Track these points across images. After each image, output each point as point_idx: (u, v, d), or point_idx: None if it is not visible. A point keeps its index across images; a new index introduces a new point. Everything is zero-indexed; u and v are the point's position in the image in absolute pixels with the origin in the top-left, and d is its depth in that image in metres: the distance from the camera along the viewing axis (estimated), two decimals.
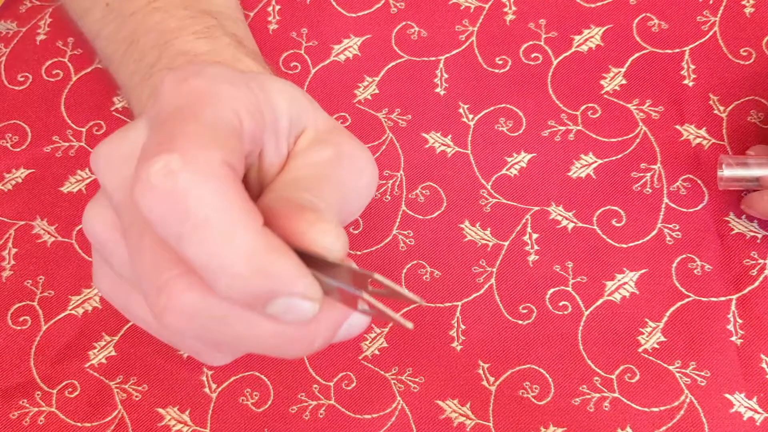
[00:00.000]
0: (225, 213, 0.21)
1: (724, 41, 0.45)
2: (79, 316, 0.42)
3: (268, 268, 0.21)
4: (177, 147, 0.21)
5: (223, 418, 0.40)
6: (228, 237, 0.21)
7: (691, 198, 0.42)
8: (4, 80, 0.47)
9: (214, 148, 0.22)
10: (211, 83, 0.24)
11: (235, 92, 0.24)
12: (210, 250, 0.21)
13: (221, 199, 0.21)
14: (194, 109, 0.23)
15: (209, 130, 0.22)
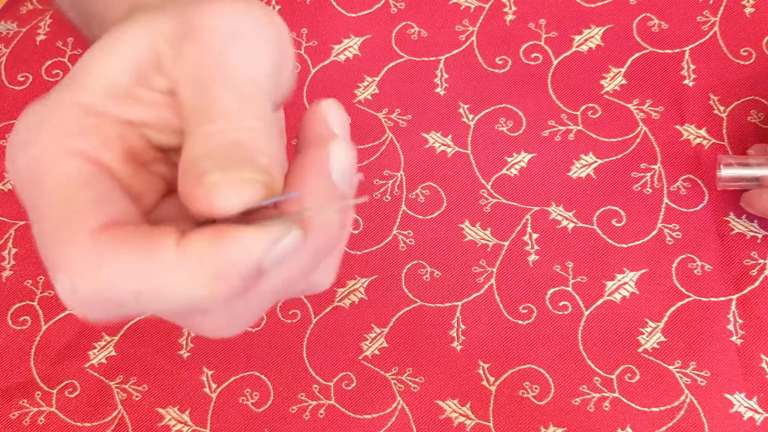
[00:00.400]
0: (144, 275, 0.21)
1: (724, 41, 0.45)
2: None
3: (226, 267, 0.21)
4: (55, 263, 0.22)
5: (223, 418, 0.40)
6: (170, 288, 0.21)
7: (691, 198, 0.42)
8: (4, 80, 0.47)
9: (78, 229, 0.22)
10: (31, 146, 0.24)
11: (58, 132, 0.23)
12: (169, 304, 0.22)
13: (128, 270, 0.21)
14: (36, 200, 0.23)
15: (65, 221, 0.22)
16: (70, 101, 0.24)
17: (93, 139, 0.23)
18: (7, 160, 0.24)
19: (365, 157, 0.44)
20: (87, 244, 0.21)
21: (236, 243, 0.21)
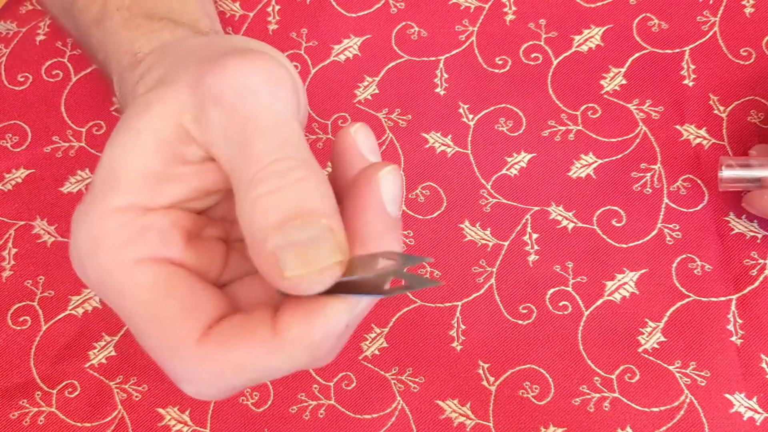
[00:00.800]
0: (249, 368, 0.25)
1: (724, 41, 0.45)
2: (79, 316, 0.42)
3: (316, 344, 0.24)
4: (175, 377, 0.26)
5: (223, 418, 0.40)
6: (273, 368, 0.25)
7: (691, 198, 0.42)
8: (4, 81, 0.47)
9: (188, 345, 0.25)
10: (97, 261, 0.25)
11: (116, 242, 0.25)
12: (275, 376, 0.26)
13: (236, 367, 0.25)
14: (127, 316, 0.25)
15: (167, 335, 0.25)
16: (112, 209, 0.25)
17: (148, 242, 0.25)
18: (78, 271, 0.25)
19: None
20: (196, 356, 0.24)
21: (327, 319, 0.23)
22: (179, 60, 0.28)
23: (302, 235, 0.23)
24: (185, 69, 0.26)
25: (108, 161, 0.25)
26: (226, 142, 0.24)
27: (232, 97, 0.24)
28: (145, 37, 0.33)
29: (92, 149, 0.45)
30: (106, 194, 0.25)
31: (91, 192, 0.25)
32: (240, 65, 0.25)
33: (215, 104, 0.24)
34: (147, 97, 0.26)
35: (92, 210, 0.25)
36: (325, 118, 0.45)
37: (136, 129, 0.25)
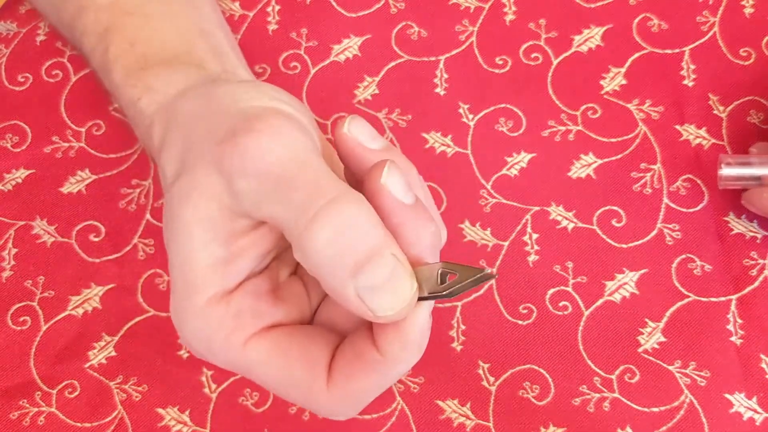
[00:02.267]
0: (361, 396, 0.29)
1: (723, 41, 0.45)
2: (79, 317, 0.42)
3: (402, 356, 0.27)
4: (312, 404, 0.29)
5: (222, 419, 0.40)
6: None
7: (691, 198, 0.42)
8: (4, 81, 0.47)
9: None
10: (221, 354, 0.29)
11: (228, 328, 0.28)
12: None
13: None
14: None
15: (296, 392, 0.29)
16: (201, 307, 0.28)
17: (246, 323, 0.28)
18: (197, 353, 0.29)
19: None
20: (330, 400, 0.28)
21: (415, 325, 0.26)
22: (191, 137, 0.30)
23: (378, 276, 0.25)
24: (202, 152, 0.28)
25: (177, 263, 0.28)
26: (267, 204, 0.26)
27: (253, 167, 0.26)
28: (146, 98, 0.34)
29: (92, 149, 0.45)
30: (190, 295, 0.28)
31: (176, 292, 0.28)
32: (249, 138, 0.27)
33: (240, 177, 0.26)
34: (180, 187, 0.28)
35: (186, 309, 0.28)
36: (325, 118, 0.45)
37: (186, 223, 0.27)
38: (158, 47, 0.35)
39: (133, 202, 0.44)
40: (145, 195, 0.44)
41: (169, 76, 0.34)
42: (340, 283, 0.25)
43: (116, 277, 0.43)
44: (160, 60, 0.35)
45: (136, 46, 0.35)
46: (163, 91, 0.33)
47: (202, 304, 0.28)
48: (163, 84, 0.33)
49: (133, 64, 0.35)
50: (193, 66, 0.35)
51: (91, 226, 0.44)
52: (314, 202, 0.25)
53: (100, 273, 0.43)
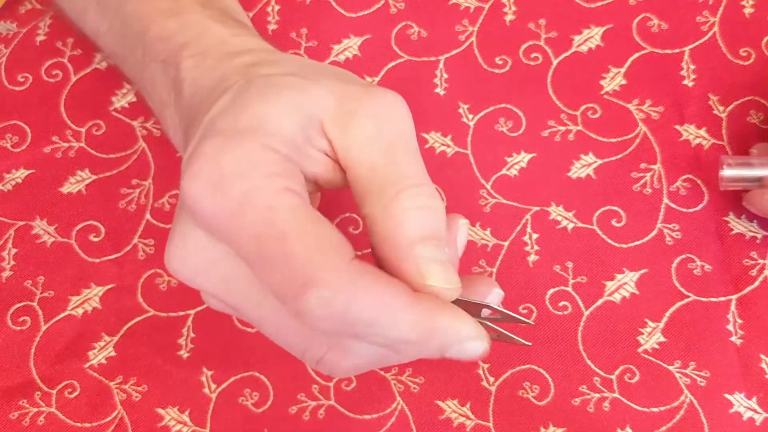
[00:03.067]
0: (382, 308, 0.25)
1: (723, 41, 0.45)
2: (79, 317, 0.42)
3: (435, 330, 0.26)
4: (315, 279, 0.24)
5: (222, 419, 0.40)
6: (395, 324, 0.25)
7: (691, 198, 0.42)
8: (4, 81, 0.47)
9: (336, 257, 0.25)
10: (242, 181, 0.25)
11: (265, 169, 0.26)
12: (386, 338, 0.26)
13: (373, 300, 0.25)
14: (276, 234, 0.25)
15: (316, 242, 0.25)
16: (266, 144, 0.26)
17: (296, 179, 0.27)
18: (205, 193, 0.26)
19: None
20: (347, 270, 0.25)
21: (456, 323, 0.26)
22: (308, 67, 0.30)
23: (440, 254, 0.27)
24: (323, 77, 0.29)
25: (255, 114, 0.27)
26: (372, 150, 0.27)
27: (385, 115, 0.28)
28: (239, 37, 0.34)
29: (92, 149, 0.45)
30: (258, 133, 0.26)
31: (235, 129, 0.26)
32: (386, 93, 0.28)
33: (368, 116, 0.27)
34: (288, 79, 0.28)
35: (242, 141, 0.26)
36: None
37: (283, 101, 0.27)
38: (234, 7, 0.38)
39: (133, 202, 0.44)
40: (145, 195, 0.44)
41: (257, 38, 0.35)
42: (408, 240, 0.26)
43: (116, 277, 0.43)
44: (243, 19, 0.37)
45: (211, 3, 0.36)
46: (257, 42, 0.34)
47: (266, 145, 0.26)
48: (256, 39, 0.35)
49: (217, 12, 0.36)
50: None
51: (91, 226, 0.44)
52: (419, 181, 0.27)
53: (100, 273, 0.43)
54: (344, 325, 0.25)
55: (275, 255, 0.25)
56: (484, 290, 0.29)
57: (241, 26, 0.36)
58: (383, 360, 0.28)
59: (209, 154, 0.26)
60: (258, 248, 0.25)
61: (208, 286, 0.28)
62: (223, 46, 0.33)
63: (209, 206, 0.25)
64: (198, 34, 0.34)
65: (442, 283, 0.27)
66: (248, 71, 0.30)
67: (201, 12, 0.35)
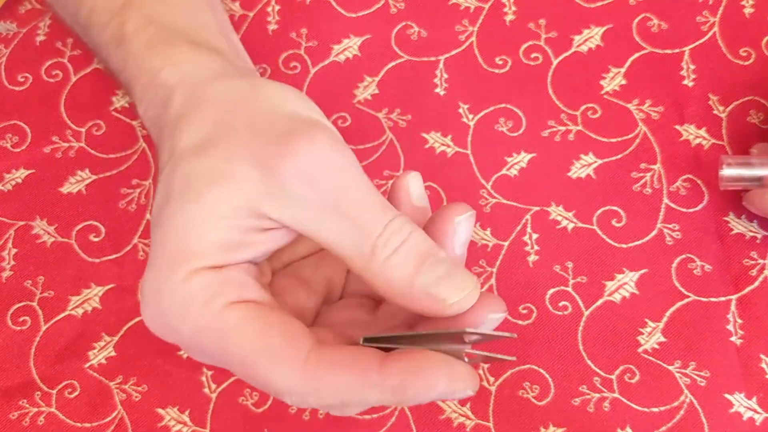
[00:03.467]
0: (350, 391, 0.26)
1: (723, 41, 0.45)
2: (79, 317, 0.42)
3: (408, 393, 0.26)
4: (278, 391, 0.27)
5: (222, 419, 0.40)
6: (367, 399, 0.27)
7: (691, 198, 0.42)
8: (4, 81, 0.47)
9: (296, 363, 0.27)
10: (190, 320, 0.28)
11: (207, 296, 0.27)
12: (366, 406, 0.29)
13: (339, 387, 0.27)
14: (233, 357, 0.27)
15: (273, 357, 0.27)
16: (189, 273, 0.27)
17: (232, 289, 0.27)
18: (165, 335, 0.29)
19: (365, 158, 0.44)
20: (306, 371, 0.26)
21: (427, 382, 0.26)
22: (230, 125, 0.29)
23: (440, 269, 0.27)
24: (244, 146, 0.28)
25: (180, 231, 0.27)
26: (323, 218, 0.27)
27: (315, 170, 0.27)
28: (169, 69, 0.33)
29: (92, 149, 0.45)
30: (181, 264, 0.27)
31: (161, 261, 0.28)
32: (309, 149, 0.27)
33: (299, 183, 0.27)
34: (209, 169, 0.28)
35: (169, 278, 0.27)
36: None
37: (208, 202, 0.27)
38: (181, 26, 0.36)
39: (133, 202, 0.44)
40: (145, 195, 0.44)
41: (198, 56, 0.34)
42: (406, 282, 0.27)
43: (116, 277, 0.43)
44: (185, 39, 0.35)
45: (155, 23, 0.35)
46: (191, 68, 0.33)
47: (191, 272, 0.27)
48: (191, 62, 0.33)
49: (156, 37, 0.35)
50: (218, 53, 0.35)
51: (91, 226, 0.44)
52: (383, 224, 0.27)
53: (99, 273, 0.43)
54: (324, 408, 0.29)
55: (244, 375, 0.27)
56: (490, 311, 0.28)
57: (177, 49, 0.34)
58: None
59: (150, 295, 0.28)
60: (229, 368, 0.28)
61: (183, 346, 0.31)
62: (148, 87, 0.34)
63: (169, 339, 0.29)
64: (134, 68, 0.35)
65: (459, 294, 0.27)
66: (173, 145, 0.30)
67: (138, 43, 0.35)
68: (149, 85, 0.33)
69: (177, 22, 0.36)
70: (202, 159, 0.28)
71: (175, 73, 0.33)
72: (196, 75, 0.32)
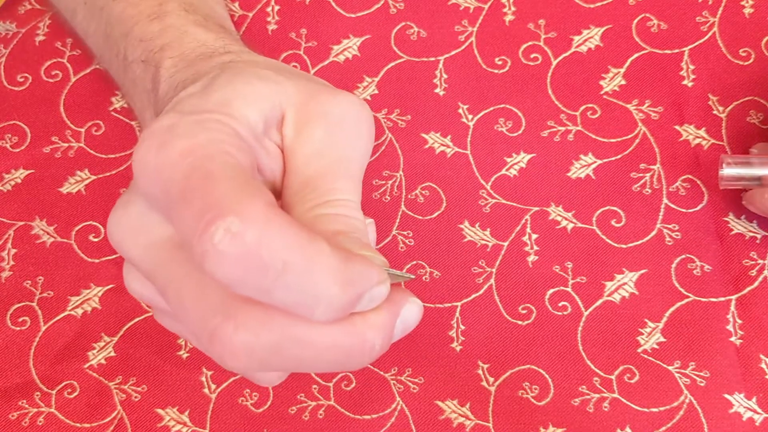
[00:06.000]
0: (298, 250, 0.22)
1: (723, 42, 0.45)
2: (79, 317, 0.42)
3: (354, 276, 0.23)
4: (226, 209, 0.21)
5: (222, 419, 0.40)
6: (311, 271, 0.22)
7: (691, 198, 0.42)
8: (3, 81, 0.47)
9: (255, 195, 0.22)
10: (189, 139, 0.24)
11: (215, 136, 0.25)
12: (300, 289, 0.22)
13: (289, 240, 0.22)
14: (204, 171, 0.23)
15: (238, 182, 0.23)
16: (226, 122, 0.26)
17: (247, 160, 0.25)
18: (155, 146, 0.24)
19: None
20: (263, 207, 0.22)
21: (369, 266, 0.24)
22: (283, 68, 0.31)
23: (363, 243, 0.26)
24: (295, 76, 0.29)
25: (226, 96, 0.27)
26: (312, 165, 0.28)
27: (343, 125, 0.28)
28: (219, 41, 0.35)
29: (91, 150, 0.45)
30: (221, 112, 0.26)
31: (199, 108, 0.27)
32: (352, 103, 0.29)
33: (323, 126, 0.28)
34: (260, 71, 0.29)
35: (202, 114, 0.26)
36: None
37: (251, 89, 0.28)
38: (206, 12, 0.38)
39: None
40: None
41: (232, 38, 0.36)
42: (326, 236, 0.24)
43: (116, 277, 0.43)
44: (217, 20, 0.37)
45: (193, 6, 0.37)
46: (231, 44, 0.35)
47: (231, 125, 0.26)
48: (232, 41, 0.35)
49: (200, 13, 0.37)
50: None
51: (91, 227, 0.44)
52: (347, 197, 0.28)
53: (99, 273, 0.43)
54: (252, 271, 0.21)
55: (195, 191, 0.22)
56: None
57: (224, 31, 0.36)
58: (284, 348, 0.24)
59: (165, 123, 0.25)
60: (182, 189, 0.23)
61: (133, 251, 0.26)
62: (202, 49, 0.34)
63: (152, 160, 0.24)
64: (179, 37, 0.35)
65: (364, 250, 0.26)
66: (224, 66, 0.31)
67: (184, 16, 0.36)
68: (195, 48, 0.34)
69: (214, 12, 0.38)
70: (255, 69, 0.29)
71: (227, 45, 0.34)
72: (244, 51, 0.34)
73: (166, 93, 0.32)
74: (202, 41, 0.34)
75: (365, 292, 0.24)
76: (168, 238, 0.26)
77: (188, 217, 0.22)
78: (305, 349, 0.24)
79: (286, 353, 0.24)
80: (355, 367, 0.25)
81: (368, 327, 0.25)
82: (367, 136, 0.29)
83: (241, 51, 0.34)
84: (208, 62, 0.32)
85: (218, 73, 0.29)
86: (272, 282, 0.22)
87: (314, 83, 0.29)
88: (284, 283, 0.22)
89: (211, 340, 0.23)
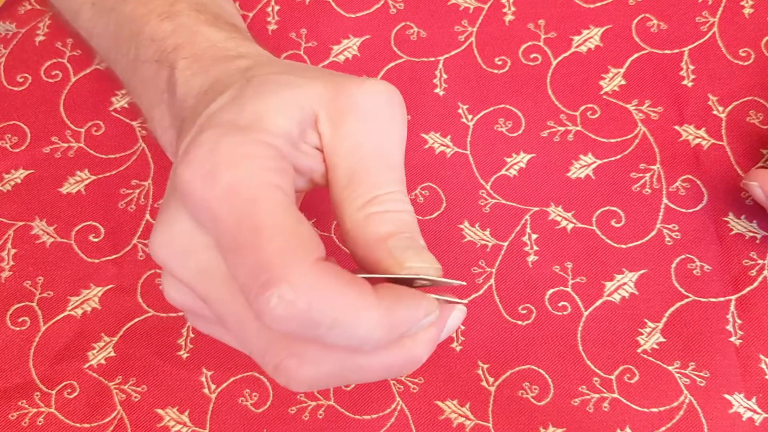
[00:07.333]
0: (344, 310, 0.24)
1: (723, 42, 0.45)
2: (78, 317, 0.42)
3: (397, 323, 0.26)
4: (278, 276, 0.24)
5: (222, 419, 0.40)
6: (358, 325, 0.25)
7: (691, 198, 0.42)
8: (3, 81, 0.47)
9: (304, 256, 0.25)
10: (233, 171, 0.26)
11: (256, 164, 0.26)
12: (349, 337, 0.25)
13: (336, 302, 0.24)
14: (253, 224, 0.25)
15: (285, 237, 0.25)
16: (263, 140, 0.27)
17: (287, 179, 0.27)
18: (198, 178, 0.26)
19: None
20: (311, 270, 0.24)
21: (415, 307, 0.26)
22: (301, 68, 0.31)
23: (414, 243, 0.28)
24: (317, 74, 0.29)
25: (257, 107, 0.28)
26: (354, 159, 0.28)
27: (372, 118, 0.29)
28: (232, 41, 0.35)
29: (91, 150, 0.45)
30: (256, 129, 0.27)
31: (234, 124, 0.27)
32: (379, 90, 0.29)
33: (356, 118, 0.28)
34: (284, 77, 0.29)
35: (240, 134, 0.27)
36: None
37: (280, 98, 0.28)
38: (218, 12, 0.38)
39: (133, 203, 0.44)
40: (145, 195, 0.44)
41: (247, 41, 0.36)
42: (375, 237, 0.28)
43: (115, 277, 0.43)
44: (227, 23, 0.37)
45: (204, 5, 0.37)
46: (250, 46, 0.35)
47: (266, 142, 0.27)
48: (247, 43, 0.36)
49: (210, 12, 0.37)
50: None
51: (91, 227, 0.44)
52: (392, 189, 0.28)
53: (99, 273, 0.43)
54: (305, 326, 0.24)
55: (247, 246, 0.25)
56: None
57: (235, 30, 0.36)
58: (343, 373, 0.27)
59: (207, 143, 0.26)
60: (234, 238, 0.25)
61: (183, 273, 0.27)
62: (216, 50, 0.34)
63: (199, 190, 0.26)
64: (191, 36, 0.35)
65: (419, 263, 0.27)
66: (246, 73, 0.31)
67: (195, 16, 0.36)
68: (208, 48, 0.34)
69: (224, 11, 0.38)
70: (279, 76, 0.30)
71: (240, 46, 0.34)
72: (258, 52, 0.35)
73: (185, 96, 0.33)
74: (213, 41, 0.34)
75: (411, 329, 0.26)
76: (218, 266, 0.27)
77: (243, 274, 0.25)
78: (360, 373, 0.27)
79: (345, 377, 0.27)
80: (401, 376, 0.29)
81: (417, 345, 0.27)
82: (401, 120, 0.29)
83: (254, 53, 0.34)
84: (225, 66, 0.32)
85: (244, 84, 0.29)
86: (324, 334, 0.25)
87: (338, 77, 0.29)
88: (335, 334, 0.25)
89: (276, 371, 0.27)
